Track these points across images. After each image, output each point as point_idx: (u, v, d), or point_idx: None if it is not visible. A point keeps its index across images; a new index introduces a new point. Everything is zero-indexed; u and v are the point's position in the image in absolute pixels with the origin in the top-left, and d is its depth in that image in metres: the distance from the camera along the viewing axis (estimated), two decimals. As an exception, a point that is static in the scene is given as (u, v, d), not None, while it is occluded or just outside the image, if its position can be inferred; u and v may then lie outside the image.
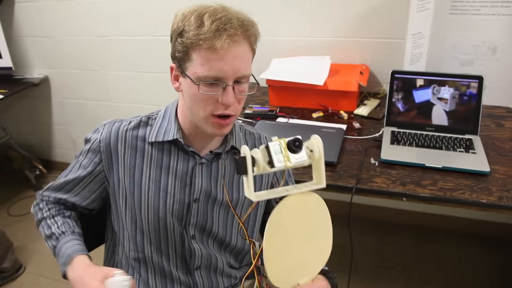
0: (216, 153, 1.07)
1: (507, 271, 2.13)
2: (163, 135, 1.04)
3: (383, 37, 2.04)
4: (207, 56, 0.90)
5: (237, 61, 0.91)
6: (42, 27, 2.71)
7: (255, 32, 0.96)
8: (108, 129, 1.08)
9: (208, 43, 0.88)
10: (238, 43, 0.91)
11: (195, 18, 0.90)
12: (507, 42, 1.80)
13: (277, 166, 0.74)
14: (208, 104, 0.94)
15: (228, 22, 0.89)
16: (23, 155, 3.07)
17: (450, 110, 1.60)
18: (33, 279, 2.28)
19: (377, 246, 2.35)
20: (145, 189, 1.05)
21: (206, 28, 0.88)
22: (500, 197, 1.27)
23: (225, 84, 0.92)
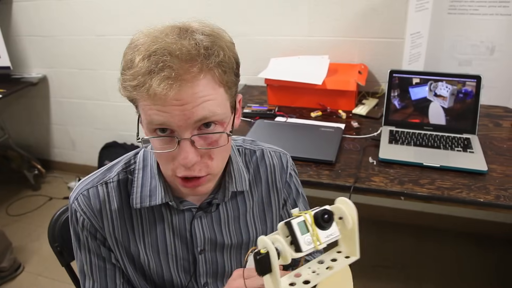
0: (216, 204, 0.92)
1: (504, 270, 2.14)
2: (149, 198, 0.86)
3: (381, 37, 2.04)
4: (145, 105, 0.69)
5: (189, 105, 0.68)
6: (40, 26, 2.70)
7: (224, 60, 0.71)
8: (87, 204, 0.86)
9: (139, 91, 0.67)
10: (186, 82, 0.67)
11: (130, 53, 0.70)
12: (505, 42, 1.80)
13: (304, 250, 0.58)
14: (167, 163, 0.75)
15: (165, 58, 0.66)
16: (21, 154, 3.07)
17: (448, 108, 1.60)
18: (32, 279, 2.28)
19: (376, 245, 2.35)
20: (144, 260, 0.91)
21: (134, 70, 0.68)
22: (497, 196, 1.27)
23: (179, 138, 0.70)
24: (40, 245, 2.45)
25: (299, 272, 0.65)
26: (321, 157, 1.50)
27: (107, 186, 0.88)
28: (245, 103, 2.02)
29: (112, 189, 0.88)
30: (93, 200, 0.87)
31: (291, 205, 1.04)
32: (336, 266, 0.65)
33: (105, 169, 0.91)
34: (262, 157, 0.98)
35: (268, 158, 0.99)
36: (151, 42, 0.68)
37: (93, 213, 0.87)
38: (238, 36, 2.23)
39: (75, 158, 3.18)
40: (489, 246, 2.28)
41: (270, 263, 0.58)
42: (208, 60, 0.69)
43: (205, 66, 0.69)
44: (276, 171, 0.99)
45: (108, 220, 0.88)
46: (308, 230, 0.59)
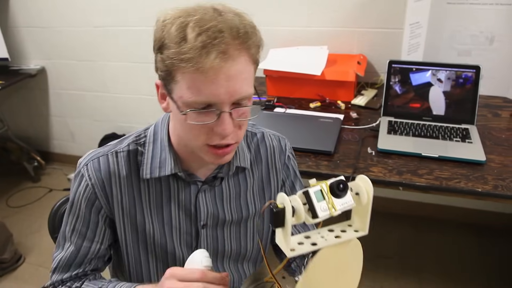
0: (220, 177, 0.96)
1: (504, 260, 2.15)
2: (159, 169, 0.89)
3: (380, 27, 2.04)
4: (193, 78, 0.72)
5: (233, 81, 0.73)
6: (38, 17, 2.69)
7: (256, 40, 0.77)
8: (96, 169, 0.90)
9: (192, 64, 0.70)
10: (233, 59, 0.72)
11: (177, 29, 0.72)
12: (504, 32, 1.80)
13: (321, 216, 0.62)
14: (200, 134, 0.79)
15: (218, 34, 0.70)
16: (21, 146, 3.07)
17: (448, 91, 1.60)
18: (33, 270, 2.29)
19: (374, 236, 2.34)
20: (150, 230, 0.94)
21: (189, 45, 0.70)
22: (495, 186, 1.28)
23: (220, 111, 0.75)
24: (41, 236, 2.46)
25: (309, 235, 0.69)
26: (320, 147, 1.50)
27: (117, 156, 0.91)
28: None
29: (122, 159, 0.91)
30: (103, 167, 0.90)
31: (289, 186, 1.08)
32: (344, 236, 0.68)
33: (116, 141, 0.94)
34: (262, 139, 1.03)
35: (268, 140, 1.04)
36: (200, 19, 0.71)
37: (100, 181, 0.90)
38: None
39: (75, 149, 3.18)
40: (488, 236, 2.29)
41: (284, 217, 0.61)
42: (250, 39, 0.75)
43: (246, 45, 0.74)
44: (275, 152, 1.04)
45: (117, 188, 0.91)
46: (324, 198, 0.62)
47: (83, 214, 0.92)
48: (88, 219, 0.93)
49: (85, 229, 0.93)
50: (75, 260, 0.94)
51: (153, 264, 1.00)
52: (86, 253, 0.94)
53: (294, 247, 0.67)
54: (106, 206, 0.92)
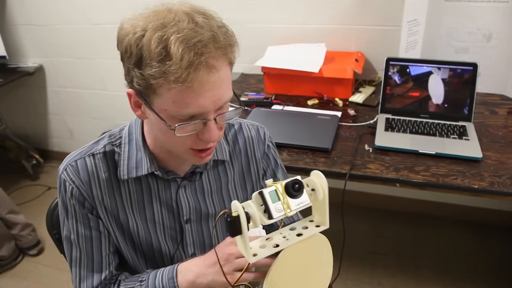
0: (199, 172, 0.97)
1: (500, 256, 2.16)
2: (136, 170, 0.90)
3: (378, 25, 2.04)
4: (179, 93, 0.71)
5: (217, 90, 0.74)
6: (36, 15, 2.69)
7: (233, 42, 0.77)
8: (76, 174, 0.89)
9: (180, 82, 0.69)
10: (217, 69, 0.72)
11: (158, 45, 0.69)
12: (502, 30, 1.80)
13: (275, 217, 0.64)
14: (186, 141, 0.79)
15: (205, 50, 0.70)
16: (19, 145, 3.07)
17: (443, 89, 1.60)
18: (32, 267, 2.30)
19: (372, 232, 2.37)
20: (134, 228, 0.95)
21: (175, 64, 0.68)
22: (491, 183, 1.28)
23: (206, 120, 0.76)
24: (40, 234, 2.46)
25: (270, 237, 0.71)
26: (317, 144, 1.51)
27: (94, 157, 0.91)
28: (242, 91, 2.02)
29: (99, 160, 0.91)
30: (81, 170, 0.90)
31: (270, 176, 1.08)
32: (306, 233, 0.69)
33: (91, 143, 0.94)
34: (240, 129, 1.03)
35: (246, 130, 1.04)
36: (180, 32, 0.69)
37: (82, 182, 0.90)
38: (235, 24, 2.20)
39: (73, 147, 3.13)
40: (485, 233, 2.30)
41: (240, 225, 0.63)
42: (228, 44, 0.74)
43: (226, 51, 0.74)
44: (254, 142, 1.04)
45: (97, 189, 0.91)
46: (279, 199, 0.64)
47: (80, 217, 0.92)
48: (88, 220, 0.93)
49: (88, 231, 0.93)
50: (94, 265, 0.94)
51: (143, 261, 1.01)
52: (100, 255, 0.94)
53: (256, 251, 0.68)
54: (93, 205, 0.92)
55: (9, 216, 2.26)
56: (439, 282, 2.04)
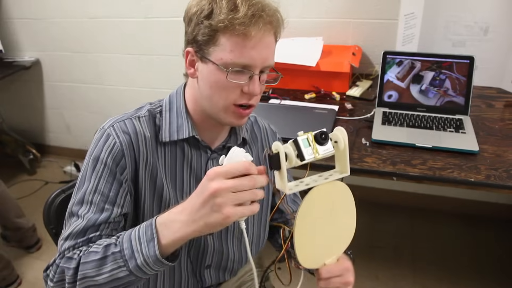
0: (228, 147, 1.01)
1: (497, 249, 2.17)
2: (177, 133, 0.96)
3: (375, 18, 2.04)
4: (238, 42, 0.84)
5: (266, 50, 0.88)
6: (32, 9, 2.67)
7: (283, 21, 0.92)
8: (123, 128, 0.92)
9: (243, 28, 0.82)
10: (269, 32, 0.87)
11: (227, 2, 0.84)
12: (499, 23, 1.80)
13: (307, 159, 0.74)
14: (232, 93, 0.89)
15: (264, 9, 0.85)
16: (16, 139, 3.06)
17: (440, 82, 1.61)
18: (30, 261, 2.30)
19: (370, 226, 2.38)
20: (166, 194, 0.97)
21: (242, 13, 0.82)
22: (488, 176, 1.29)
23: (252, 73, 0.87)
24: (37, 228, 2.46)
25: (302, 180, 0.81)
26: (315, 138, 1.51)
27: (140, 120, 0.96)
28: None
29: (144, 122, 0.96)
30: (130, 128, 0.94)
31: None
32: (331, 178, 0.81)
33: (134, 109, 1.00)
34: (256, 122, 1.14)
35: (261, 123, 1.15)
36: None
37: (128, 140, 0.92)
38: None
39: (70, 142, 3.18)
40: (482, 226, 2.32)
41: (279, 161, 0.74)
42: (279, 20, 0.90)
43: (278, 24, 0.90)
44: (268, 134, 1.15)
45: (144, 147, 0.94)
46: (310, 145, 0.75)
47: (108, 172, 0.90)
48: (113, 179, 0.90)
49: (107, 190, 0.89)
50: (94, 223, 0.87)
51: None
52: (107, 216, 0.88)
53: (291, 187, 0.79)
54: (130, 166, 0.91)
55: (17, 221, 2.26)
56: (436, 274, 2.05)
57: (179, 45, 0.97)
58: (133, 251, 0.78)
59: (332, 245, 0.88)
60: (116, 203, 0.90)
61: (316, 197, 0.81)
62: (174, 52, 2.43)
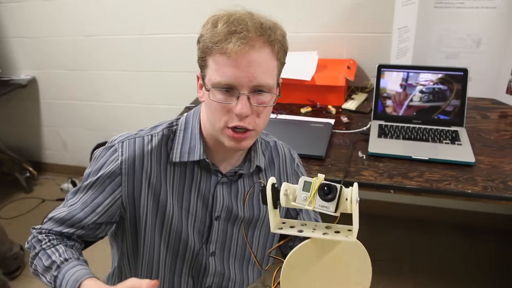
0: (240, 174, 1.02)
1: (496, 259, 2.17)
2: (188, 155, 0.96)
3: (369, 32, 2.06)
4: (219, 61, 0.84)
5: (253, 68, 0.83)
6: (27, 28, 2.69)
7: (280, 38, 0.88)
8: (130, 148, 0.95)
9: (219, 46, 0.82)
10: (254, 47, 0.83)
11: (212, 22, 0.85)
12: (491, 35, 1.82)
13: (296, 202, 0.71)
14: (223, 114, 0.87)
15: (242, 23, 0.83)
16: (12, 157, 3.05)
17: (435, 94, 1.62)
18: (26, 282, 2.28)
19: (367, 238, 2.34)
20: (170, 212, 0.99)
21: (218, 30, 0.83)
22: (485, 187, 1.29)
23: (239, 93, 0.85)
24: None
25: (305, 223, 0.76)
26: (311, 152, 1.51)
27: (152, 138, 0.98)
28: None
29: (155, 141, 0.98)
30: (138, 146, 0.96)
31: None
32: (331, 235, 0.72)
33: (150, 127, 1.01)
34: (275, 146, 1.12)
35: (280, 148, 1.13)
36: (231, 15, 0.85)
37: (131, 159, 0.95)
38: (227, 33, 2.23)
39: (67, 159, 3.17)
40: (480, 236, 2.31)
41: (265, 196, 0.72)
42: (272, 36, 0.85)
43: (270, 40, 0.85)
44: (286, 159, 1.12)
45: (149, 164, 0.96)
46: (309, 191, 0.70)
47: (102, 180, 0.95)
48: (103, 189, 0.96)
49: (96, 195, 0.96)
50: (70, 219, 0.96)
51: (164, 251, 1.02)
52: (81, 219, 0.96)
53: (283, 227, 0.75)
54: (127, 184, 0.95)
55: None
56: (435, 286, 2.04)
57: (174, 61, 0.99)
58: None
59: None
60: (96, 210, 0.96)
61: (310, 250, 0.74)
62: (170, 68, 2.45)
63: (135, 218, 0.99)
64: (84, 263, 0.92)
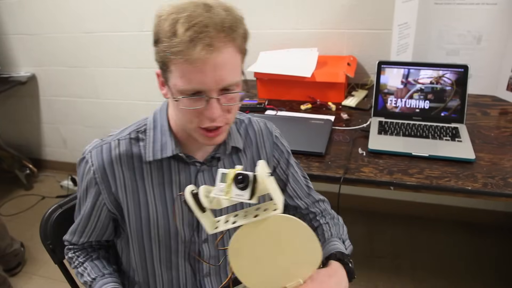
0: (218, 157, 1.02)
1: (495, 257, 2.17)
2: (161, 152, 0.97)
3: (370, 28, 2.05)
4: (184, 68, 0.81)
5: (219, 71, 0.81)
6: (27, 25, 2.68)
7: (242, 31, 0.85)
8: (98, 156, 0.97)
9: (182, 56, 0.79)
10: (219, 50, 0.80)
11: (169, 25, 0.80)
12: (491, 31, 1.82)
13: (214, 193, 0.75)
14: (194, 117, 0.87)
15: (204, 29, 0.78)
16: (12, 154, 3.05)
17: (435, 91, 1.62)
18: (27, 278, 2.28)
19: (368, 236, 2.37)
20: (153, 210, 1.00)
21: (178, 39, 0.78)
22: (484, 184, 1.29)
23: (208, 97, 0.83)
24: (34, 244, 2.44)
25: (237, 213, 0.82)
26: (311, 149, 1.51)
27: (119, 143, 0.98)
28: (235, 98, 2.03)
29: (123, 145, 0.98)
30: (105, 154, 0.97)
31: (284, 163, 1.14)
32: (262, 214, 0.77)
33: (118, 131, 1.02)
34: (250, 123, 1.11)
35: (256, 124, 1.12)
36: (189, 16, 0.79)
37: (101, 167, 0.97)
38: (227, 30, 2.22)
39: (67, 156, 3.17)
40: (480, 233, 2.31)
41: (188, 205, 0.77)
42: (234, 32, 0.82)
43: (231, 37, 0.82)
44: (262, 134, 1.11)
45: (120, 171, 0.98)
46: (226, 182, 0.73)
47: (85, 193, 1.01)
48: (89, 199, 1.01)
49: (86, 206, 1.02)
50: (78, 228, 1.06)
51: (156, 251, 1.04)
52: (85, 224, 1.04)
53: (219, 225, 0.80)
54: (105, 191, 0.98)
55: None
56: (435, 283, 2.04)
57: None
58: None
59: (290, 271, 0.83)
60: (91, 217, 1.03)
61: (248, 234, 0.78)
62: (170, 65, 2.45)
63: (123, 221, 1.02)
64: (109, 276, 1.06)
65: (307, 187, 1.18)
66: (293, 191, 1.16)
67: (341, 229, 1.14)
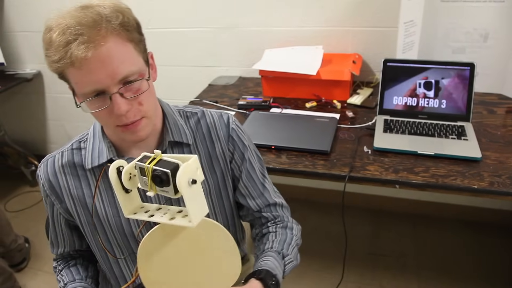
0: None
1: (501, 256, 2.16)
2: (98, 158, 0.98)
3: (375, 26, 2.04)
4: (73, 73, 0.80)
5: (108, 65, 0.79)
6: (33, 22, 2.69)
7: (123, 20, 0.82)
8: (44, 170, 1.01)
9: (64, 61, 0.77)
10: (99, 45, 0.77)
11: (45, 35, 0.80)
12: (498, 29, 1.80)
13: (141, 187, 0.73)
14: (106, 118, 0.86)
15: (77, 29, 0.76)
16: (18, 151, 3.06)
17: (441, 89, 1.61)
18: (32, 274, 2.29)
19: (373, 234, 2.37)
20: (103, 215, 1.01)
21: (55, 47, 0.78)
22: (491, 183, 1.28)
23: (109, 94, 0.81)
24: (39, 240, 2.46)
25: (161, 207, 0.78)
26: (316, 147, 1.51)
27: (63, 154, 1.02)
28: (240, 95, 2.02)
29: (66, 156, 1.01)
30: (50, 167, 1.01)
31: (239, 157, 1.09)
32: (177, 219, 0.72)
33: (68, 142, 1.05)
34: (202, 116, 1.07)
35: (208, 116, 1.07)
36: (61, 20, 0.78)
37: (48, 180, 1.01)
38: (232, 27, 2.22)
39: (72, 153, 3.17)
40: (486, 233, 2.30)
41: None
42: (111, 22, 0.79)
43: (110, 28, 0.79)
44: (216, 126, 1.07)
45: (64, 181, 1.01)
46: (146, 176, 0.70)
47: (45, 206, 1.07)
48: (48, 210, 1.07)
49: (49, 218, 1.09)
50: (52, 239, 1.12)
51: (119, 252, 1.05)
52: (55, 235, 1.10)
53: (139, 211, 0.77)
54: (57, 202, 1.03)
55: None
56: (441, 282, 2.03)
57: (179, 56, 0.97)
58: None
59: (203, 285, 0.78)
60: (55, 227, 1.09)
61: (162, 236, 0.73)
62: (175, 63, 2.45)
63: (81, 229, 1.06)
64: (80, 280, 1.09)
65: (262, 186, 1.11)
66: (245, 189, 1.09)
67: (288, 239, 1.06)
